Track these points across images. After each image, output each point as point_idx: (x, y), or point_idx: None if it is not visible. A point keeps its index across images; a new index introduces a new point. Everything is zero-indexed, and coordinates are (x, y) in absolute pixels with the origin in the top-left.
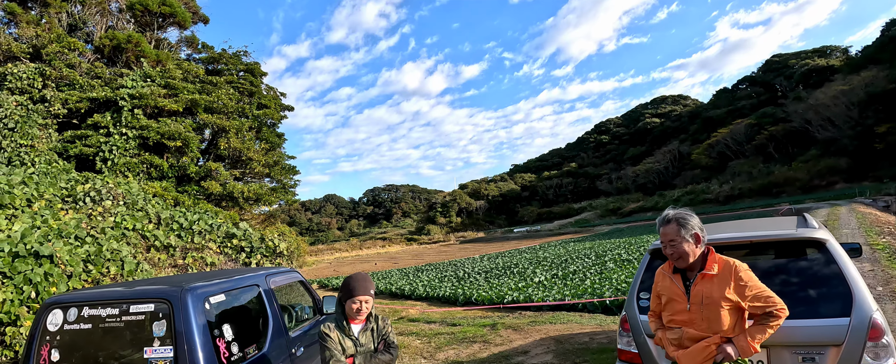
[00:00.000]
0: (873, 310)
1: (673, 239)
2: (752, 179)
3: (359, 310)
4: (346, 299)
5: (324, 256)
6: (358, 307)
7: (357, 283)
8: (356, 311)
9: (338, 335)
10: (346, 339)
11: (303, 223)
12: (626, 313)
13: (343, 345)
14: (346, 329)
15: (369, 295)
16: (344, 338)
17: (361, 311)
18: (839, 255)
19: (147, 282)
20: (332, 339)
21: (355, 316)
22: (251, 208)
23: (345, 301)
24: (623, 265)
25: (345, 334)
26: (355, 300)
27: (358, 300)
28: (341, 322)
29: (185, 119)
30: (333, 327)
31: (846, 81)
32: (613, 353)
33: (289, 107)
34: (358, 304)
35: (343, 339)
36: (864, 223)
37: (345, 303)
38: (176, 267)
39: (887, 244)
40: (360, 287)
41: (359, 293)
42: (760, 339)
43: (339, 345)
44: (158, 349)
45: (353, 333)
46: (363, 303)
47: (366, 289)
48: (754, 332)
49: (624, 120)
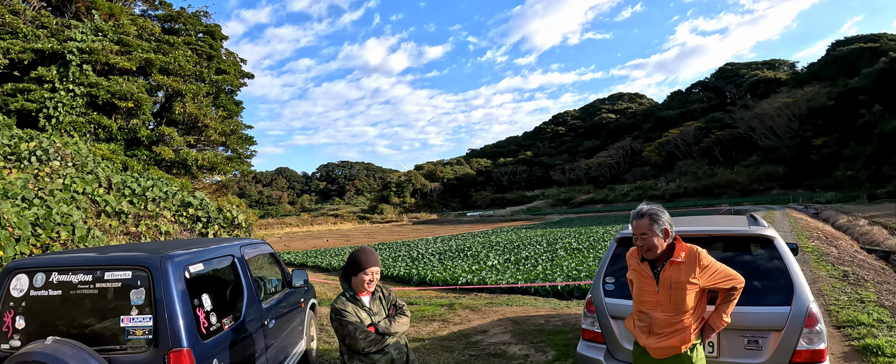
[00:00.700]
0: (810, 301)
1: (644, 232)
2: (697, 180)
3: (370, 281)
4: (356, 273)
5: (274, 230)
6: (370, 278)
7: (367, 255)
8: (367, 282)
9: (353, 308)
10: (361, 311)
11: (253, 195)
12: (592, 296)
13: (359, 316)
14: (358, 302)
15: (378, 266)
16: (359, 310)
17: (373, 281)
18: (784, 252)
19: (121, 248)
20: (349, 313)
21: (364, 288)
22: (203, 177)
23: (353, 275)
24: (573, 253)
25: (359, 307)
26: (367, 272)
27: (369, 272)
28: (353, 295)
29: (138, 79)
30: (346, 301)
31: (790, 94)
32: (568, 334)
33: (249, 74)
34: (369, 275)
35: (358, 311)
36: (796, 227)
37: (352, 277)
38: (128, 234)
39: (816, 247)
40: (370, 259)
41: (369, 265)
42: (728, 312)
43: (356, 317)
44: (136, 318)
45: (365, 305)
46: (374, 274)
47: (375, 261)
48: (723, 308)
49: (581, 113)
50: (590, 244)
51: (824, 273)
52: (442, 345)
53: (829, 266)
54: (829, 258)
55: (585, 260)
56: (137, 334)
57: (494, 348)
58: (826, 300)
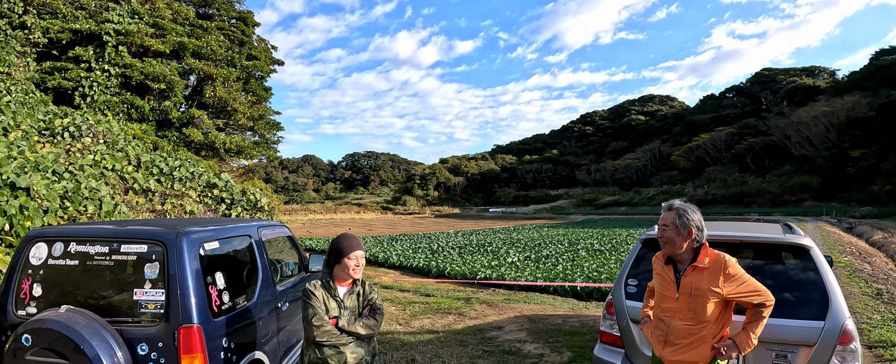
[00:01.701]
0: (846, 317)
1: (666, 224)
2: (726, 187)
3: (357, 266)
4: (339, 260)
5: (297, 217)
6: (356, 263)
7: (348, 241)
8: (353, 268)
9: (323, 294)
10: (330, 300)
11: (279, 181)
12: (613, 298)
13: (327, 305)
14: (332, 289)
15: (362, 250)
16: (329, 298)
17: (359, 267)
18: (821, 263)
19: (139, 222)
20: (316, 298)
21: (348, 276)
22: (231, 160)
23: (336, 261)
24: (595, 255)
25: (330, 294)
26: (351, 256)
27: (354, 256)
28: (328, 282)
29: (171, 62)
30: (319, 286)
31: (829, 103)
32: (585, 336)
33: (279, 61)
34: (354, 260)
35: (328, 299)
36: (828, 241)
37: (335, 263)
38: (154, 212)
39: (848, 262)
40: (353, 243)
41: (353, 249)
42: (757, 333)
43: (324, 304)
44: (149, 291)
45: (338, 295)
46: (359, 259)
47: (358, 245)
48: (751, 326)
49: (610, 114)
50: (612, 246)
51: (857, 290)
52: (456, 338)
53: (862, 283)
54: (863, 274)
55: (607, 262)
56: (149, 308)
57: (509, 345)
58: (858, 318)
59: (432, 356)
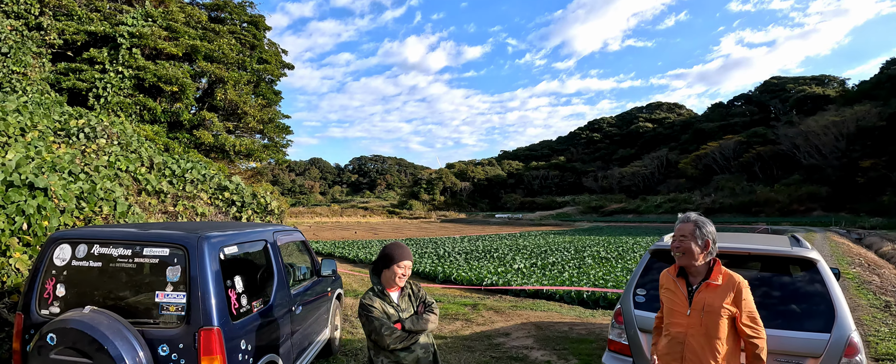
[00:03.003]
0: (852, 329)
1: (685, 235)
2: (733, 196)
3: (402, 275)
4: (388, 266)
5: (304, 219)
6: (403, 272)
7: (399, 249)
8: (399, 276)
9: (381, 304)
10: (388, 307)
11: (286, 183)
12: (621, 307)
13: (387, 312)
14: (386, 297)
15: (411, 261)
16: (386, 306)
17: (405, 276)
18: (827, 276)
19: (160, 226)
20: (377, 309)
21: (395, 283)
22: (239, 162)
23: (384, 269)
24: (601, 262)
25: (387, 302)
26: (400, 265)
27: (402, 265)
28: (381, 290)
29: (184, 64)
30: (374, 297)
31: (839, 113)
32: (592, 344)
33: (289, 65)
34: (403, 269)
35: (386, 307)
36: (837, 252)
37: (383, 271)
38: (166, 213)
39: (857, 274)
40: (403, 253)
41: (403, 258)
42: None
43: (384, 313)
44: (171, 294)
45: (393, 301)
46: (407, 268)
47: (408, 255)
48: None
49: (617, 121)
50: (618, 254)
51: (865, 302)
52: (464, 344)
53: (870, 295)
54: (871, 286)
55: (613, 270)
56: (171, 310)
57: (516, 352)
58: (865, 330)
59: (441, 362)
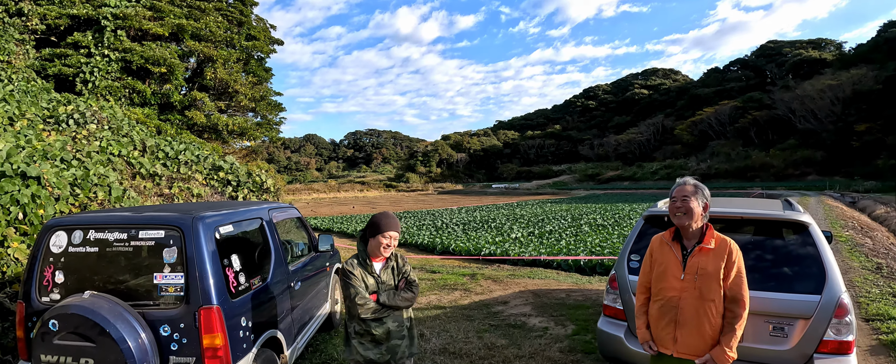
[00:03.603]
0: (842, 291)
1: (686, 196)
2: (729, 161)
3: (387, 245)
4: (374, 235)
5: (301, 196)
6: (387, 243)
7: (387, 219)
8: (384, 246)
9: (361, 272)
10: (368, 277)
11: (281, 161)
12: (616, 272)
13: (365, 281)
14: (368, 266)
15: (397, 232)
16: (367, 275)
17: (390, 246)
18: (819, 239)
19: (155, 208)
20: (356, 277)
21: (380, 253)
22: (233, 142)
23: (370, 237)
24: (598, 230)
25: (368, 272)
26: (385, 235)
27: (388, 235)
28: (364, 259)
29: (171, 45)
30: (357, 264)
31: (835, 76)
32: (589, 309)
33: (278, 40)
34: (387, 239)
35: (366, 276)
36: (830, 215)
37: (369, 240)
38: (162, 196)
39: (850, 237)
40: (390, 223)
41: (389, 229)
42: (733, 346)
43: (363, 281)
44: (169, 275)
45: (375, 271)
46: (392, 239)
47: (395, 226)
48: (728, 340)
49: (613, 88)
50: (615, 221)
51: (857, 264)
52: (463, 313)
53: (862, 257)
54: (863, 249)
55: (610, 237)
56: (170, 291)
57: (514, 319)
58: (856, 292)
59: (440, 330)
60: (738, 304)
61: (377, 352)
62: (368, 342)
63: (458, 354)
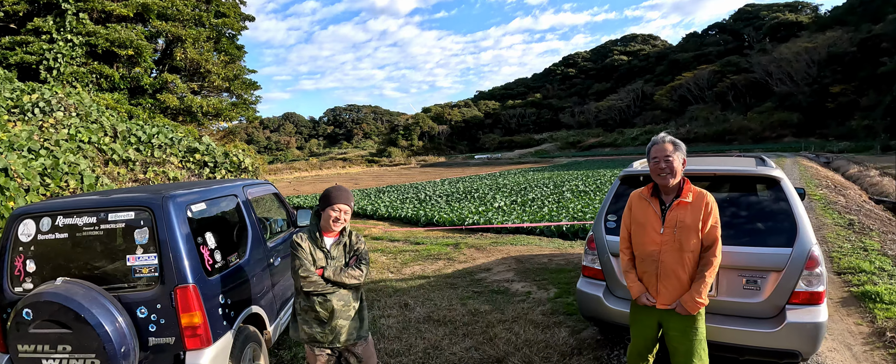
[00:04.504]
0: (813, 243)
1: (668, 155)
2: (708, 125)
3: (336, 219)
4: (324, 208)
5: (283, 175)
6: (336, 216)
7: (337, 192)
8: (333, 220)
9: (310, 245)
10: (317, 251)
11: (261, 141)
12: (593, 233)
13: (314, 255)
14: (318, 240)
15: (348, 205)
16: (315, 249)
17: (339, 220)
18: (790, 194)
19: (124, 191)
20: (303, 249)
21: (331, 227)
22: (210, 124)
23: (322, 210)
24: (580, 196)
25: (317, 245)
26: (334, 208)
27: (337, 208)
28: (314, 233)
29: (137, 26)
30: (306, 237)
31: (811, 39)
32: (570, 273)
33: (249, 17)
34: (337, 212)
35: (314, 249)
36: (805, 175)
37: (321, 212)
38: (136, 181)
39: (823, 195)
40: (340, 196)
41: (339, 201)
42: (702, 292)
43: (310, 255)
44: (142, 256)
45: (325, 245)
46: (342, 212)
47: (346, 199)
48: (698, 286)
49: (592, 55)
50: (596, 187)
51: (830, 221)
52: (447, 282)
53: (835, 214)
54: (837, 206)
55: (592, 202)
56: (144, 272)
57: (498, 285)
58: (829, 247)
59: (424, 299)
60: (711, 253)
61: (321, 330)
62: (312, 319)
63: (443, 322)
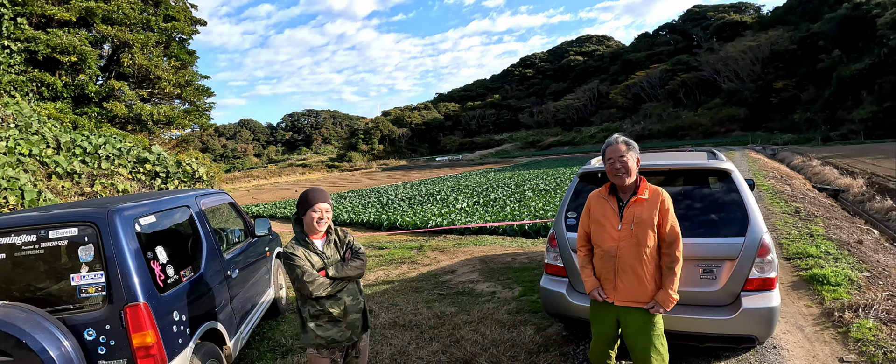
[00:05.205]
0: (763, 232)
1: (622, 155)
2: (661, 122)
3: (320, 219)
4: (305, 212)
5: (241, 184)
6: (319, 216)
7: (314, 193)
8: (317, 220)
9: (303, 252)
10: (312, 255)
11: (217, 149)
12: (554, 231)
13: (310, 260)
14: (310, 245)
15: (328, 204)
16: (310, 254)
17: (323, 219)
18: (741, 185)
19: (67, 205)
20: (299, 257)
21: (316, 228)
22: (161, 132)
23: (303, 215)
24: (541, 194)
25: (310, 250)
26: (315, 209)
27: (318, 208)
28: (303, 239)
29: (80, 31)
30: (296, 245)
31: (755, 38)
32: (534, 271)
33: (201, 20)
34: (319, 212)
35: (309, 255)
36: (754, 167)
37: (303, 217)
38: (83, 195)
39: (771, 185)
40: (318, 196)
41: (318, 201)
42: (674, 288)
43: (307, 261)
44: (87, 275)
45: (317, 248)
46: (324, 211)
47: (324, 198)
48: (668, 283)
49: (549, 56)
50: (557, 185)
51: (778, 209)
52: (411, 286)
53: (782, 203)
54: (783, 195)
55: (552, 200)
56: (90, 291)
57: (463, 287)
58: (778, 234)
59: (389, 305)
60: (674, 247)
61: (338, 330)
62: (326, 322)
63: (408, 326)
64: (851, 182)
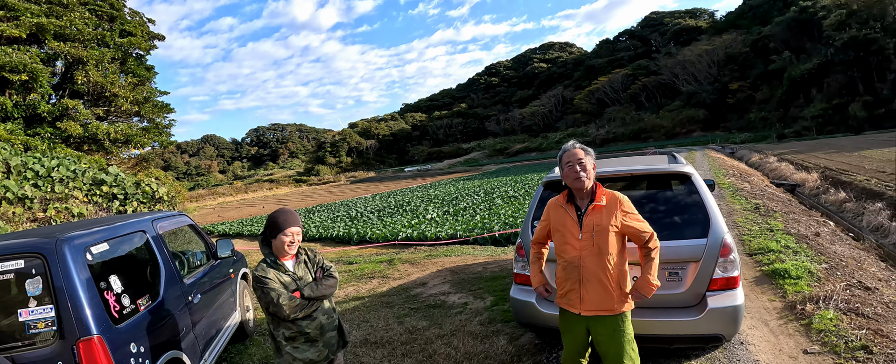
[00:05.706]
0: (725, 232)
1: (581, 158)
2: (625, 125)
3: (291, 242)
4: (275, 235)
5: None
6: (290, 240)
7: (285, 215)
8: (288, 244)
9: (275, 274)
10: (283, 276)
11: (180, 167)
12: (521, 241)
13: (282, 281)
14: (280, 267)
15: (299, 227)
16: (281, 275)
17: (293, 243)
18: (701, 187)
19: (13, 235)
20: (271, 279)
21: (285, 251)
22: (119, 152)
23: (272, 238)
24: (510, 201)
25: (281, 272)
26: (286, 232)
27: (289, 232)
28: (274, 261)
29: (31, 48)
30: (267, 268)
31: (710, 42)
32: (505, 280)
33: (159, 35)
34: (290, 236)
35: (280, 276)
36: (714, 166)
37: (272, 240)
38: (36, 221)
39: (731, 183)
40: (289, 219)
41: (289, 225)
42: (654, 274)
43: (279, 283)
44: (36, 310)
45: (288, 269)
46: (294, 235)
47: (295, 220)
48: (648, 269)
49: (514, 63)
50: (525, 191)
51: (739, 206)
52: (382, 301)
53: (742, 200)
54: (743, 193)
55: (522, 207)
56: (40, 327)
57: (434, 299)
58: (740, 231)
59: (360, 322)
60: (650, 239)
61: (315, 350)
62: (303, 343)
63: (380, 343)
64: (806, 177)
